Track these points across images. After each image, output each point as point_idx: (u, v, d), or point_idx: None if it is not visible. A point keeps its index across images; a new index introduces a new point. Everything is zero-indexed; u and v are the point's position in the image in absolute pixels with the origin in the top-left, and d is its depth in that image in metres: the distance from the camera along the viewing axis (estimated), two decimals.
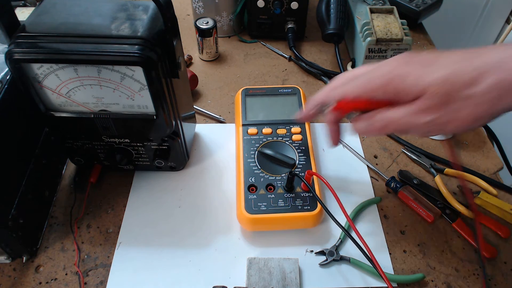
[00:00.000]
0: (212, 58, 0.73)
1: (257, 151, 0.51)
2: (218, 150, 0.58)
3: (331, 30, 0.68)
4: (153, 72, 0.39)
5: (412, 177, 0.54)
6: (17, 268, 0.46)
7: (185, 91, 0.51)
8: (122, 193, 0.53)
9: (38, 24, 0.39)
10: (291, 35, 0.74)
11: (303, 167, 0.50)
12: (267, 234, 0.49)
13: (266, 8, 0.72)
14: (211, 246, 0.48)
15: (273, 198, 0.47)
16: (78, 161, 0.52)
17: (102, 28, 0.39)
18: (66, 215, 0.50)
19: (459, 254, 0.48)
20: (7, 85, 0.41)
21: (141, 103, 0.43)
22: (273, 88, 0.60)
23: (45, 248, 0.47)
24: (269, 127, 0.54)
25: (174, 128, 0.47)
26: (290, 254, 0.46)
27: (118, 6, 0.42)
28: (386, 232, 0.50)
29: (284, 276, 0.43)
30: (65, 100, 0.43)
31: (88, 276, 0.45)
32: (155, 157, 0.50)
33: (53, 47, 0.38)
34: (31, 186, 0.45)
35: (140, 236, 0.48)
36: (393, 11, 0.69)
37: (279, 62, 0.73)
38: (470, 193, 0.51)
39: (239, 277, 0.45)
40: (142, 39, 0.38)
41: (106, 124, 0.45)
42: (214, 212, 0.51)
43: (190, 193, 0.53)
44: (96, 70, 0.40)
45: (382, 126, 0.37)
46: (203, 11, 0.73)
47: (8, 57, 0.37)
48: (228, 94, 0.67)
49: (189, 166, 0.56)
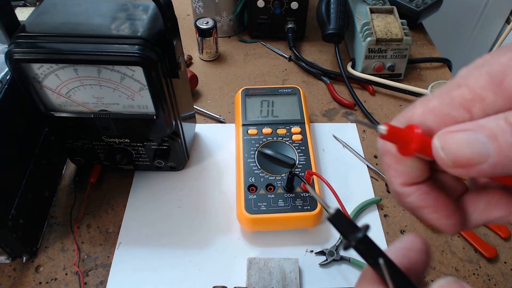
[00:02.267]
0: (212, 58, 0.73)
1: (257, 151, 0.51)
2: (218, 150, 0.58)
3: (331, 30, 0.68)
4: (153, 72, 0.39)
5: None
6: (17, 268, 0.46)
7: (185, 91, 0.51)
8: (122, 193, 0.53)
9: (38, 24, 0.39)
10: (291, 35, 0.74)
11: (303, 167, 0.50)
12: (267, 234, 0.49)
13: (266, 8, 0.72)
14: (211, 246, 0.48)
15: (273, 198, 0.47)
16: (78, 161, 0.52)
17: (102, 28, 0.39)
18: (66, 215, 0.50)
19: (459, 254, 0.48)
20: (7, 85, 0.41)
21: (141, 103, 0.43)
22: (273, 88, 0.60)
23: (45, 248, 0.47)
24: (269, 127, 0.54)
25: (174, 128, 0.47)
26: (290, 254, 0.46)
27: (118, 6, 0.42)
28: (386, 232, 0.50)
29: (284, 276, 0.43)
30: (65, 100, 0.43)
31: (88, 276, 0.45)
32: (155, 157, 0.50)
33: (53, 47, 0.38)
34: (31, 186, 0.45)
35: (140, 236, 0.48)
36: (393, 11, 0.69)
37: (279, 62, 0.73)
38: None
39: (239, 277, 0.45)
40: (142, 39, 0.38)
41: (106, 124, 0.45)
42: (214, 212, 0.51)
43: (190, 193, 0.53)
44: (96, 70, 0.40)
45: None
46: (203, 11, 0.73)
47: (8, 57, 0.37)
48: (228, 94, 0.67)
49: (189, 166, 0.56)
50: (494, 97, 0.16)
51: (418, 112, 0.18)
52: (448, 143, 0.17)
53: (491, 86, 0.16)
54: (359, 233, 0.19)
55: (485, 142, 0.16)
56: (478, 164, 0.16)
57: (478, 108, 0.17)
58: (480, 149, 0.16)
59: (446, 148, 0.17)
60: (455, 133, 0.17)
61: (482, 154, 0.16)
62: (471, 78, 0.17)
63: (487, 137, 0.16)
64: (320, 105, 0.65)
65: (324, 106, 0.65)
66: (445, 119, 0.17)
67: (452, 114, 0.17)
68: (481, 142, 0.16)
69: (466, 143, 0.16)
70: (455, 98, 0.17)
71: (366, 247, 0.19)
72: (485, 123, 0.16)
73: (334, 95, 0.66)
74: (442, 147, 0.17)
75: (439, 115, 0.17)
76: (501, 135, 0.16)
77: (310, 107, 0.65)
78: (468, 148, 0.16)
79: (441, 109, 0.17)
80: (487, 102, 0.16)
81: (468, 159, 0.16)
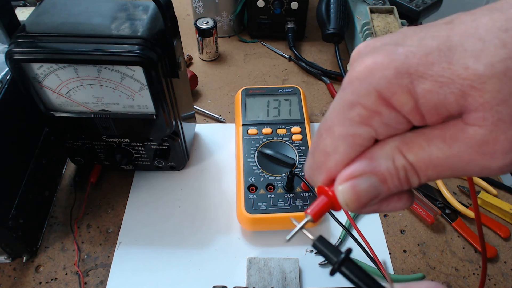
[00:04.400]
0: (212, 58, 0.73)
1: (257, 151, 0.51)
2: (218, 150, 0.58)
3: (331, 30, 0.68)
4: (153, 72, 0.39)
5: None
6: (17, 268, 0.46)
7: (185, 91, 0.51)
8: (122, 193, 0.53)
9: (38, 24, 0.39)
10: (291, 35, 0.74)
11: (303, 167, 0.50)
12: (267, 234, 0.49)
13: (266, 8, 0.72)
14: (211, 246, 0.48)
15: (273, 198, 0.47)
16: (78, 161, 0.52)
17: (102, 28, 0.39)
18: (66, 215, 0.50)
19: (459, 254, 0.48)
20: (7, 85, 0.41)
21: (141, 103, 0.43)
22: (273, 88, 0.60)
23: (45, 248, 0.47)
24: (269, 127, 0.54)
25: (174, 128, 0.47)
26: (290, 254, 0.46)
27: (118, 6, 0.42)
28: (386, 232, 0.50)
29: (284, 276, 0.43)
30: (65, 100, 0.43)
31: (88, 276, 0.45)
32: (155, 157, 0.50)
33: (53, 47, 0.38)
34: (31, 186, 0.45)
35: (140, 236, 0.48)
36: (393, 11, 0.69)
37: (279, 62, 0.73)
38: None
39: (239, 277, 0.45)
40: (142, 39, 0.38)
41: (106, 124, 0.45)
42: (214, 212, 0.51)
43: (190, 193, 0.53)
44: (96, 70, 0.40)
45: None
46: (203, 11, 0.73)
47: (8, 57, 0.37)
48: (228, 94, 0.67)
49: (189, 166, 0.56)
50: (388, 111, 0.18)
51: (328, 143, 0.21)
52: (346, 190, 0.20)
53: (382, 102, 0.18)
54: (342, 255, 0.21)
55: (377, 185, 0.20)
56: (371, 201, 0.20)
57: (377, 121, 0.19)
58: (375, 192, 0.20)
59: (345, 195, 0.20)
60: (355, 179, 0.20)
61: (376, 194, 0.20)
62: (362, 97, 0.19)
63: (379, 182, 0.20)
64: (320, 105, 0.65)
65: (324, 106, 0.65)
66: (354, 140, 0.20)
67: (358, 132, 0.19)
68: (375, 186, 0.20)
69: (365, 190, 0.20)
70: (354, 118, 0.19)
71: (349, 269, 0.21)
72: (376, 166, 0.20)
73: (334, 95, 0.66)
74: (343, 193, 0.21)
75: (347, 138, 0.20)
76: (389, 179, 0.19)
77: (310, 107, 0.65)
78: (363, 193, 0.20)
79: (346, 133, 0.20)
80: (383, 115, 0.18)
81: (366, 201, 0.20)
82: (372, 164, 0.20)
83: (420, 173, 0.19)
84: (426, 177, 0.19)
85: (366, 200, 0.20)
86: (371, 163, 0.20)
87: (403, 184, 0.20)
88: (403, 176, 0.19)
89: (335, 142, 0.20)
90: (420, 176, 0.19)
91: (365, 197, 0.20)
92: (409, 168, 0.19)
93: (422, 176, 0.19)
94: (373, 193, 0.20)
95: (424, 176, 0.19)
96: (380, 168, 0.20)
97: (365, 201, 0.20)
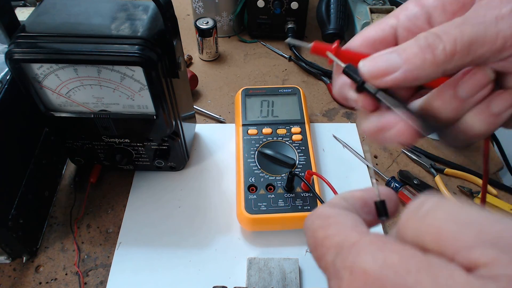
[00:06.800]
0: (212, 58, 0.73)
1: (257, 151, 0.51)
2: (218, 150, 0.58)
3: (331, 30, 0.68)
4: (153, 72, 0.39)
5: (412, 177, 0.54)
6: (17, 268, 0.46)
7: (185, 91, 0.51)
8: (122, 193, 0.53)
9: (38, 24, 0.39)
10: (291, 35, 0.74)
11: (303, 167, 0.50)
12: (267, 234, 0.49)
13: (266, 8, 0.72)
14: (211, 246, 0.48)
15: (273, 198, 0.47)
16: (78, 161, 0.52)
17: (102, 28, 0.39)
18: (66, 215, 0.50)
19: None
20: (7, 85, 0.41)
21: (141, 103, 0.43)
22: (273, 88, 0.60)
23: (45, 248, 0.47)
24: (269, 127, 0.54)
25: (174, 128, 0.47)
26: (290, 254, 0.46)
27: (118, 6, 0.42)
28: (386, 232, 0.50)
29: (284, 276, 0.43)
30: (65, 100, 0.43)
31: (88, 276, 0.45)
32: (155, 157, 0.50)
33: (53, 47, 0.38)
34: (31, 186, 0.45)
35: (140, 236, 0.48)
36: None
37: (279, 62, 0.73)
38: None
39: (239, 277, 0.45)
40: (142, 39, 0.38)
41: (106, 124, 0.45)
42: (214, 212, 0.51)
43: (190, 193, 0.53)
44: (96, 70, 0.40)
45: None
46: (203, 11, 0.73)
47: (8, 57, 0.37)
48: (228, 94, 0.67)
49: (189, 166, 0.56)
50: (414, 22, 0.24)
51: (357, 43, 0.25)
52: (367, 61, 0.22)
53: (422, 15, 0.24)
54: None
55: (394, 56, 0.21)
56: (391, 73, 0.21)
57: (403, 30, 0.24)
58: (391, 61, 0.21)
59: (365, 65, 0.22)
60: (375, 56, 0.22)
61: (393, 64, 0.21)
62: (402, 10, 0.25)
63: (397, 53, 0.21)
64: (320, 105, 0.65)
65: (324, 106, 0.65)
66: (377, 44, 0.24)
67: (384, 36, 0.25)
68: (391, 56, 0.21)
69: (380, 59, 0.22)
70: (388, 23, 0.25)
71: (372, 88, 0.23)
72: (398, 47, 0.21)
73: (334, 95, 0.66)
74: (363, 64, 0.22)
75: (373, 42, 0.25)
76: (408, 49, 0.21)
77: (310, 107, 0.65)
78: (381, 62, 0.21)
79: (375, 36, 0.25)
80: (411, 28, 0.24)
81: (382, 69, 0.21)
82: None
83: (443, 37, 0.20)
84: (452, 43, 0.20)
85: (382, 65, 0.21)
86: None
87: (425, 52, 0.20)
88: (424, 43, 0.20)
89: (363, 42, 0.26)
90: (444, 41, 0.20)
91: (381, 63, 0.21)
92: (430, 34, 0.21)
93: (446, 42, 0.20)
94: (390, 61, 0.21)
95: (450, 42, 0.20)
96: (402, 46, 0.21)
97: (381, 67, 0.21)
